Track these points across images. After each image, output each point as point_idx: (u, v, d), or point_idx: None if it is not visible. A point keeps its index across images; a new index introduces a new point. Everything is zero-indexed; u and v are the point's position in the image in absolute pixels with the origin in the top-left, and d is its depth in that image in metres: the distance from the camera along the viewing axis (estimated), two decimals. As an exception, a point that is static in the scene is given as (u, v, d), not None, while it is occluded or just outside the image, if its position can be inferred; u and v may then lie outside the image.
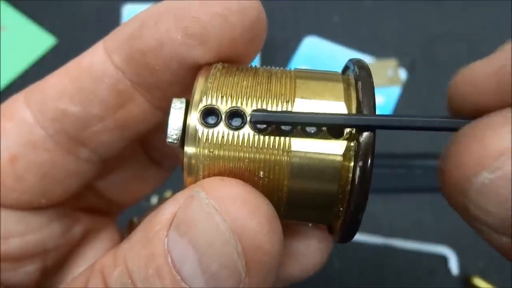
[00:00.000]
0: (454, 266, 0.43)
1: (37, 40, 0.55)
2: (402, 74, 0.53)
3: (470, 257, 0.43)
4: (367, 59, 0.53)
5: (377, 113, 0.16)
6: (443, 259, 0.43)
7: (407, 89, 0.52)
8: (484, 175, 0.13)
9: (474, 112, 0.14)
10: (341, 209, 0.16)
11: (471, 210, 0.13)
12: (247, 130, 0.15)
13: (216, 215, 0.13)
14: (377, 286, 0.42)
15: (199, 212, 0.13)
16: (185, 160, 0.15)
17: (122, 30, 0.17)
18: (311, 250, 0.19)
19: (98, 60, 0.18)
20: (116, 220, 0.26)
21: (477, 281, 0.41)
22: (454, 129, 0.15)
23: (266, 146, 0.15)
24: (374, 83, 0.17)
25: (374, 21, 0.57)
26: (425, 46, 0.55)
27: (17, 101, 0.18)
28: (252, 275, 0.13)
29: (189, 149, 0.15)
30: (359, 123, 0.15)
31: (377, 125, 0.15)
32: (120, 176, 0.24)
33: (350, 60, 0.17)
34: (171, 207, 0.14)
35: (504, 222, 0.13)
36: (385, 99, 0.51)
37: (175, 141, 0.15)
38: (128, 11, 0.52)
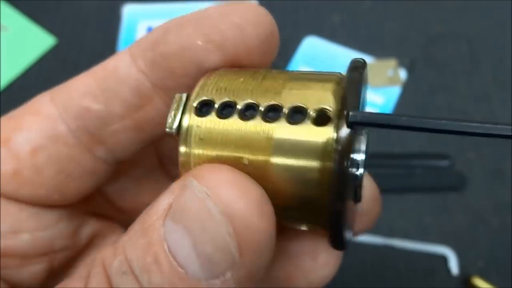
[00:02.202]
0: (454, 266, 0.43)
1: (37, 40, 0.55)
2: (402, 74, 0.53)
3: (470, 257, 0.43)
4: (367, 59, 0.53)
5: (365, 110, 0.16)
6: (443, 259, 0.43)
7: (407, 89, 0.52)
8: None
9: None
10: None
11: None
12: (235, 118, 0.16)
13: (208, 200, 0.14)
14: (377, 286, 0.42)
15: (192, 199, 0.14)
16: (179, 147, 0.16)
17: (147, 37, 0.19)
18: (319, 264, 0.19)
19: (123, 64, 0.19)
20: (124, 227, 0.26)
21: (477, 281, 0.41)
22: None
23: (250, 133, 0.15)
24: (374, 83, 0.17)
25: (374, 21, 0.57)
26: (425, 46, 0.55)
27: (43, 98, 0.19)
28: (245, 255, 0.14)
29: (182, 136, 0.16)
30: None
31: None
32: (132, 183, 0.24)
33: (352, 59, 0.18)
34: (167, 198, 0.15)
35: None
36: (385, 99, 0.51)
37: (172, 130, 0.16)
38: (128, 11, 0.52)
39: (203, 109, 0.16)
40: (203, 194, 0.14)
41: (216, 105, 0.16)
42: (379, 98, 0.51)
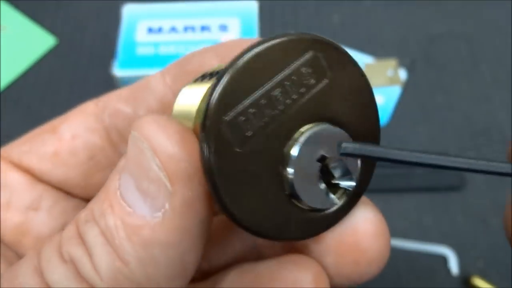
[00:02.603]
0: (454, 266, 0.43)
1: (37, 40, 0.55)
2: (402, 74, 0.53)
3: (470, 257, 0.43)
4: (367, 59, 0.54)
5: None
6: (443, 259, 0.43)
7: (407, 89, 0.52)
8: None
9: None
10: None
11: None
12: (206, 81, 0.18)
13: (138, 141, 0.16)
14: (377, 286, 0.42)
15: (131, 146, 0.16)
16: None
17: (176, 60, 0.23)
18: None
19: (154, 79, 0.23)
20: None
21: (477, 281, 0.41)
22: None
23: (202, 91, 0.18)
24: (374, 83, 0.17)
25: (374, 21, 0.57)
26: (425, 46, 0.55)
27: (89, 102, 0.23)
28: (175, 183, 0.15)
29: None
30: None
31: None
32: None
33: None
34: (124, 158, 0.17)
35: None
36: (385, 99, 0.51)
37: None
38: (128, 11, 0.52)
39: (199, 78, 0.19)
40: (136, 137, 0.16)
41: (207, 75, 0.19)
42: (379, 98, 0.51)
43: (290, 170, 0.16)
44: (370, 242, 0.19)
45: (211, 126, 0.15)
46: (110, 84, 0.52)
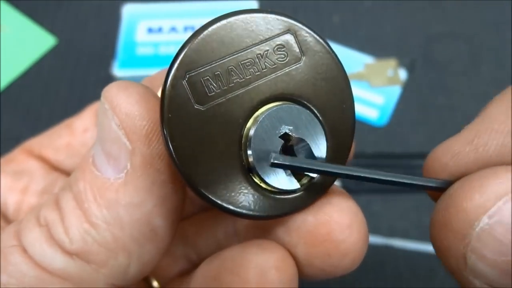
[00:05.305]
0: (454, 266, 0.43)
1: (37, 40, 0.55)
2: (402, 74, 0.53)
3: (470, 257, 0.43)
4: (367, 59, 0.54)
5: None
6: (443, 259, 0.43)
7: (407, 89, 0.52)
8: (483, 221, 0.14)
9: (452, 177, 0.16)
10: None
11: (469, 260, 0.15)
12: None
13: (102, 104, 0.16)
14: (377, 286, 0.42)
15: (98, 112, 0.17)
16: None
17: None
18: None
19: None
20: None
21: (477, 281, 0.41)
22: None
23: None
24: (374, 83, 0.18)
25: (374, 21, 0.57)
26: (425, 46, 0.55)
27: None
28: (134, 141, 0.16)
29: None
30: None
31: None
32: None
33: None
34: None
35: (502, 274, 0.13)
36: (385, 99, 0.51)
37: None
38: (128, 11, 0.52)
39: None
40: (101, 102, 0.16)
41: None
42: (379, 98, 0.51)
43: (250, 141, 0.16)
44: (344, 234, 0.18)
45: (173, 79, 0.15)
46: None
